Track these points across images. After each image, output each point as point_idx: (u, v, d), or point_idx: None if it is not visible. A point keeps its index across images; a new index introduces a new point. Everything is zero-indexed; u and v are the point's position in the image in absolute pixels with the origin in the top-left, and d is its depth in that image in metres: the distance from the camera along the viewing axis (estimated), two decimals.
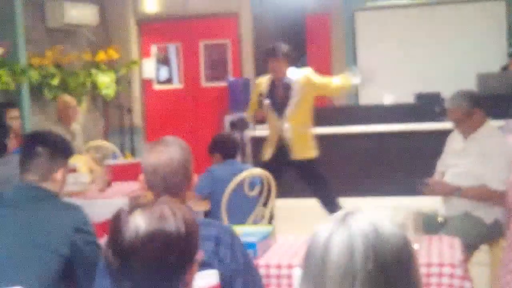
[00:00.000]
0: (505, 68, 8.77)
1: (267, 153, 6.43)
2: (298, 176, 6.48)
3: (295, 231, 3.85)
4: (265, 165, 6.34)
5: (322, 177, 6.46)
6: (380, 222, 1.40)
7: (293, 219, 6.74)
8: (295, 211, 7.03)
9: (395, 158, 8.07)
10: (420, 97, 8.50)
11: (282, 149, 6.33)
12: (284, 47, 6.28)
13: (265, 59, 6.36)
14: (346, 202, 6.36)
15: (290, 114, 6.27)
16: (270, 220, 6.22)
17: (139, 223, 1.73)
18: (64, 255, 2.75)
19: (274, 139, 6.39)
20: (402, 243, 1.39)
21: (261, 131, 8.45)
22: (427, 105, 8.19)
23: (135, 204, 1.81)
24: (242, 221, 4.80)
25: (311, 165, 6.40)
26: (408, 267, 1.39)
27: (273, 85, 6.31)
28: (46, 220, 2.82)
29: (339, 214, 1.44)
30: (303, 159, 6.32)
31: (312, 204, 6.51)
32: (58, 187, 2.98)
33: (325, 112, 9.16)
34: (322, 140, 6.69)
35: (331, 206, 6.15)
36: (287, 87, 6.25)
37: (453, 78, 8.89)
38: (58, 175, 2.97)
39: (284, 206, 6.69)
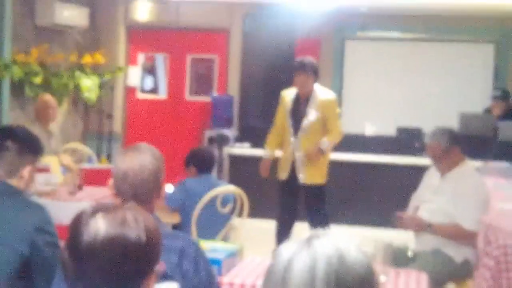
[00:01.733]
0: (488, 111, 8.81)
1: (284, 172, 6.20)
2: (304, 200, 6.28)
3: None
4: (281, 185, 6.26)
5: (323, 209, 6.27)
6: (345, 248, 1.35)
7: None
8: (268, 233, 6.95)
9: (372, 189, 8.06)
10: (401, 130, 8.51)
11: (295, 170, 6.14)
12: (312, 62, 6.08)
13: (292, 72, 6.14)
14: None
15: (303, 134, 6.06)
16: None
17: (99, 226, 1.68)
18: (23, 254, 2.69)
19: (290, 157, 6.14)
20: (366, 271, 1.35)
21: (240, 149, 8.45)
22: (407, 139, 8.20)
23: (98, 207, 1.75)
24: (211, 237, 4.76)
25: (318, 192, 6.20)
26: None
27: (297, 101, 6.11)
28: (7, 217, 2.75)
29: (305, 235, 1.40)
30: (310, 184, 6.14)
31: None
32: (24, 184, 2.92)
33: None
34: None
35: None
36: (307, 104, 6.04)
37: (436, 115, 8.91)
38: (25, 172, 2.90)
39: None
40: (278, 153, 6.36)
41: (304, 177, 6.11)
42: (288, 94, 6.23)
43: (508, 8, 8.98)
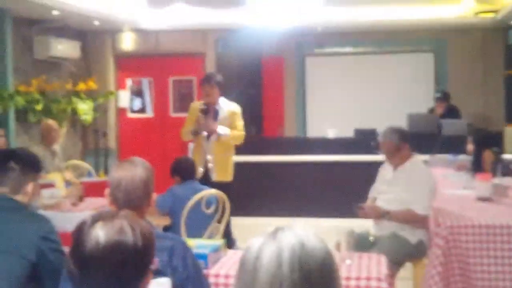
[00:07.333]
0: (431, 111, 8.91)
1: (199, 172, 6.19)
2: None
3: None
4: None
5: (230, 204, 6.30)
6: (306, 237, 1.40)
7: (248, 237, 6.67)
8: (251, 228, 6.95)
9: (335, 185, 8.10)
10: (358, 132, 8.57)
11: (207, 169, 6.22)
12: (217, 76, 6.22)
13: (200, 84, 6.25)
14: (292, 222, 6.29)
15: (214, 139, 6.16)
16: (227, 235, 6.08)
17: (99, 235, 1.67)
18: (31, 260, 2.68)
19: (202, 159, 6.20)
20: (325, 255, 1.39)
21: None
22: (364, 140, 8.25)
23: (97, 217, 1.74)
24: (198, 235, 4.76)
25: (227, 189, 6.04)
26: (331, 277, 1.39)
27: (206, 108, 6.17)
28: (15, 229, 2.74)
29: (271, 229, 1.44)
30: (221, 181, 6.15)
31: (265, 223, 6.46)
32: (28, 199, 2.91)
33: (275, 142, 9.18)
34: (272, 166, 6.64)
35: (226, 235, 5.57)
36: (216, 114, 6.16)
37: (388, 117, 8.95)
38: (29, 188, 2.89)
39: (239, 224, 6.64)
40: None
41: (216, 175, 6.19)
42: (197, 105, 6.31)
43: (441, 22, 9.15)
